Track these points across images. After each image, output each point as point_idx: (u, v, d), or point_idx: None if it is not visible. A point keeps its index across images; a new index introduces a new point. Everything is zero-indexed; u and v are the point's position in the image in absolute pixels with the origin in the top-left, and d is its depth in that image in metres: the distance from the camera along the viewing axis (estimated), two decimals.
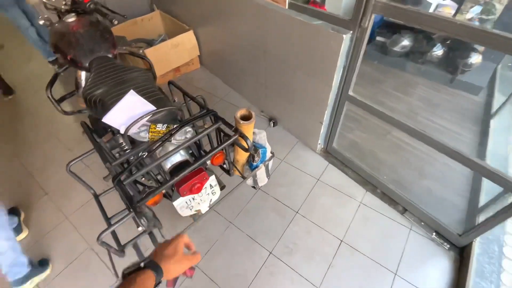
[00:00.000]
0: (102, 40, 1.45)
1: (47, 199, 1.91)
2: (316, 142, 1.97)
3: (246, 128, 0.97)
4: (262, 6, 1.68)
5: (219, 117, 1.02)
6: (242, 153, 1.14)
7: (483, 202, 1.58)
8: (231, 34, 2.17)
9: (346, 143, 2.06)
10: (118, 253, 0.89)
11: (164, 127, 0.94)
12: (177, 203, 1.02)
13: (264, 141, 1.17)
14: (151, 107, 0.96)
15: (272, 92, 2.12)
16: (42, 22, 1.33)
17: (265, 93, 2.21)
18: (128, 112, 0.94)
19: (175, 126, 0.95)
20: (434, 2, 2.51)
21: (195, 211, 1.17)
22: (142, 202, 0.81)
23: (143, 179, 1.16)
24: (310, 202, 1.75)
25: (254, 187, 1.31)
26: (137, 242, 0.96)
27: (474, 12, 2.41)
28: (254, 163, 1.15)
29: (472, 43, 2.27)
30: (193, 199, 1.09)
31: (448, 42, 2.57)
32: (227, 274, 1.47)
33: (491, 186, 1.66)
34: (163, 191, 0.96)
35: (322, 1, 2.80)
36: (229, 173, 1.26)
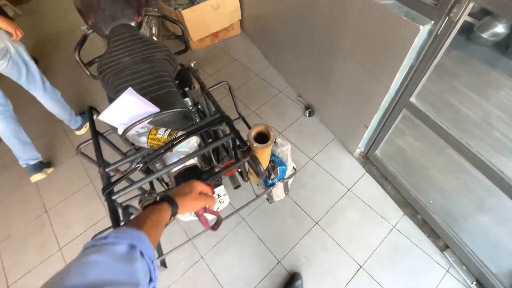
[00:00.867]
0: (126, 4, 1.29)
1: None
2: (355, 146, 1.69)
3: (262, 153, 0.78)
4: None
5: (233, 128, 0.83)
6: (265, 153, 0.96)
7: None
8: (278, 1, 1.83)
9: (392, 150, 1.73)
10: None
11: (166, 134, 0.79)
12: (182, 217, 0.92)
13: (286, 157, 0.97)
14: (153, 109, 0.81)
15: (314, 78, 1.81)
16: None
17: (306, 76, 1.90)
18: (129, 110, 0.80)
19: (178, 134, 0.80)
20: None
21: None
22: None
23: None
24: (334, 214, 1.56)
25: (268, 200, 1.15)
26: None
27: None
28: (270, 181, 0.97)
29: None
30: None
31: None
32: (230, 272, 1.42)
33: None
34: None
35: None
36: (243, 178, 1.12)
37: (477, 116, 1.91)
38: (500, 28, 2.05)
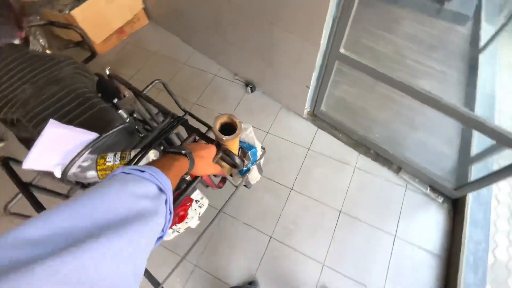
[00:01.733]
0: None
1: None
2: (302, 107, 1.76)
3: (231, 144, 0.73)
4: None
5: (192, 128, 0.76)
6: (235, 143, 0.92)
7: (475, 150, 1.56)
8: None
9: (334, 102, 1.87)
10: None
11: (117, 159, 0.68)
12: (166, 237, 0.84)
13: (252, 139, 0.94)
14: (89, 135, 0.67)
15: (246, 53, 1.77)
16: None
17: (237, 53, 1.85)
18: (60, 146, 0.65)
19: (132, 154, 0.69)
20: None
21: (184, 229, 1.00)
22: None
23: None
24: (304, 175, 1.64)
25: (246, 186, 1.13)
26: None
27: None
28: (245, 168, 0.95)
29: None
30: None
31: None
32: (229, 267, 1.41)
33: (482, 136, 1.62)
34: None
35: None
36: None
37: (391, 50, 2.17)
38: None
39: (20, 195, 0.93)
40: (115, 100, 1.06)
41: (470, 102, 1.81)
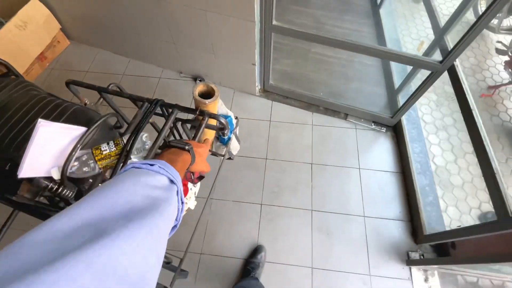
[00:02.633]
0: None
1: None
2: (253, 86, 1.90)
3: (212, 107, 0.82)
4: None
5: (171, 104, 0.82)
6: (209, 132, 1.00)
7: (397, 83, 1.91)
8: None
9: (279, 76, 2.05)
10: None
11: (112, 147, 0.71)
12: None
13: (225, 109, 1.04)
14: (79, 129, 0.69)
15: (186, 48, 1.83)
16: None
17: (177, 50, 1.89)
18: (50, 148, 0.66)
19: (125, 139, 0.73)
20: None
21: (185, 211, 1.05)
22: None
23: None
24: (273, 144, 1.79)
25: (230, 158, 1.23)
26: None
27: None
28: (226, 137, 1.04)
29: None
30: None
31: None
32: (233, 243, 1.49)
33: (399, 69, 1.98)
34: None
35: None
36: None
37: (311, 21, 2.44)
38: None
39: (4, 230, 0.88)
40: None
41: (383, 45, 2.18)
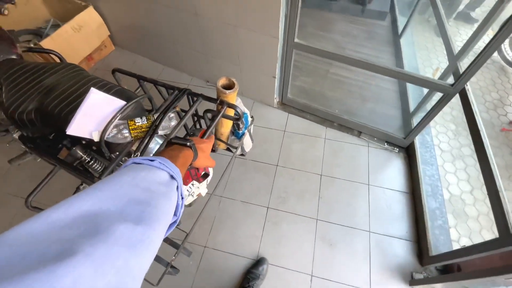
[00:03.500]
0: None
1: None
2: (272, 97, 2.03)
3: (232, 98, 0.94)
4: None
5: (197, 94, 0.95)
6: (226, 124, 1.11)
7: (412, 107, 1.95)
8: (146, 0, 1.89)
9: (296, 91, 2.18)
10: None
11: (144, 120, 0.83)
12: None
13: (243, 107, 1.16)
14: (120, 102, 0.83)
15: (214, 58, 2.02)
16: None
17: (206, 60, 2.09)
18: (94, 115, 0.79)
19: (155, 116, 0.86)
20: None
21: (196, 196, 1.14)
22: None
23: None
24: (285, 152, 1.87)
25: (242, 154, 1.32)
26: None
27: None
28: (240, 131, 1.15)
29: None
30: (192, 185, 1.06)
31: None
32: (237, 241, 1.54)
33: (415, 94, 2.04)
34: None
35: None
36: (213, 150, 1.24)
37: (333, 46, 2.59)
38: None
39: (40, 187, 1.01)
40: None
41: None
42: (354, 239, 1.52)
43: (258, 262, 1.45)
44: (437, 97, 1.53)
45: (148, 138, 0.82)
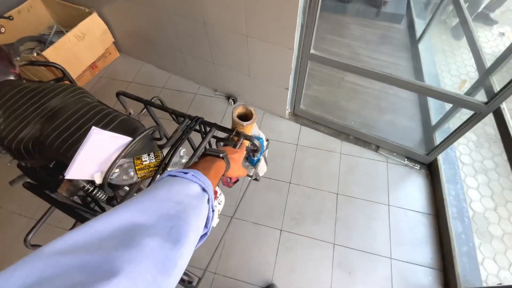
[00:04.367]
0: None
1: None
2: (284, 109, 1.92)
3: (249, 129, 0.84)
4: None
5: (210, 123, 0.86)
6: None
7: (434, 120, 1.83)
8: (152, 7, 1.79)
9: (309, 101, 2.07)
10: None
11: (152, 158, 0.74)
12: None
13: (257, 131, 1.06)
14: (125, 139, 0.74)
15: (223, 68, 1.92)
16: None
17: (214, 69, 1.99)
18: (97, 154, 0.70)
19: (164, 151, 0.76)
20: None
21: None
22: None
23: None
24: (298, 168, 1.77)
25: (256, 179, 1.23)
26: None
27: None
28: (255, 158, 1.05)
29: None
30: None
31: None
32: (249, 268, 1.45)
33: (436, 104, 1.91)
34: None
35: None
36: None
37: (347, 51, 2.47)
38: None
39: (40, 224, 0.93)
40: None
41: (420, 80, 2.12)
42: (375, 267, 1.42)
43: None
44: (463, 112, 1.41)
45: (160, 174, 0.73)
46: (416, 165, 1.75)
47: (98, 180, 0.71)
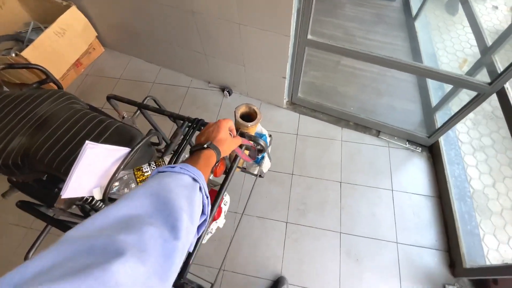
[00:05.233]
0: None
1: None
2: (282, 98, 1.87)
3: (253, 130, 0.79)
4: None
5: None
6: (251, 129, 0.97)
7: (434, 101, 1.80)
8: None
9: (306, 88, 2.01)
10: None
11: (153, 168, 0.70)
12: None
13: (259, 127, 1.01)
14: (123, 150, 0.69)
15: (216, 59, 1.83)
16: None
17: (206, 61, 1.90)
18: (94, 169, 0.65)
19: (166, 159, 0.72)
20: None
21: (215, 230, 1.03)
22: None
23: None
24: (299, 159, 1.74)
25: (260, 176, 1.19)
26: None
27: None
28: (260, 156, 1.01)
29: None
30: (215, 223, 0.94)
31: None
32: (257, 262, 1.45)
33: (435, 84, 1.88)
34: None
35: None
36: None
37: (341, 33, 2.39)
38: None
39: (39, 241, 0.89)
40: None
41: (418, 61, 2.08)
42: (381, 252, 1.43)
43: (278, 283, 1.37)
44: (464, 92, 1.38)
45: None
46: (418, 148, 1.74)
47: (97, 196, 0.66)
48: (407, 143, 1.76)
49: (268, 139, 1.05)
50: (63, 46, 2.00)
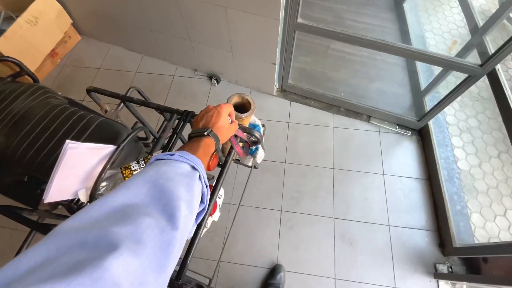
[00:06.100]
0: None
1: None
2: (271, 85, 1.82)
3: (247, 121, 0.76)
4: None
5: None
6: (245, 120, 0.94)
7: (424, 84, 1.81)
8: None
9: (297, 74, 1.96)
10: None
11: (142, 165, 0.65)
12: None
13: (252, 118, 0.98)
14: (107, 148, 0.64)
15: (201, 45, 1.75)
16: None
17: (192, 48, 1.81)
18: (77, 170, 0.61)
19: (155, 154, 0.67)
20: None
21: (210, 224, 1.01)
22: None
23: None
24: (292, 147, 1.73)
25: (255, 167, 1.17)
26: None
27: None
28: (253, 148, 0.98)
29: None
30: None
31: None
32: (254, 252, 1.45)
33: (424, 67, 1.88)
34: None
35: None
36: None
37: (330, 16, 2.33)
38: None
39: (25, 247, 0.84)
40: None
41: (407, 44, 2.06)
42: (374, 235, 1.46)
43: (274, 271, 1.38)
44: (454, 75, 1.38)
45: None
46: (408, 131, 1.76)
47: (83, 198, 0.62)
48: (397, 127, 1.77)
49: (261, 129, 1.02)
50: (37, 36, 1.86)
